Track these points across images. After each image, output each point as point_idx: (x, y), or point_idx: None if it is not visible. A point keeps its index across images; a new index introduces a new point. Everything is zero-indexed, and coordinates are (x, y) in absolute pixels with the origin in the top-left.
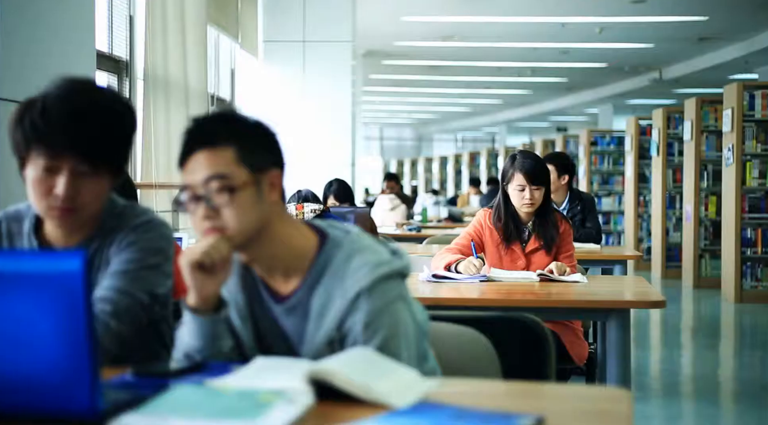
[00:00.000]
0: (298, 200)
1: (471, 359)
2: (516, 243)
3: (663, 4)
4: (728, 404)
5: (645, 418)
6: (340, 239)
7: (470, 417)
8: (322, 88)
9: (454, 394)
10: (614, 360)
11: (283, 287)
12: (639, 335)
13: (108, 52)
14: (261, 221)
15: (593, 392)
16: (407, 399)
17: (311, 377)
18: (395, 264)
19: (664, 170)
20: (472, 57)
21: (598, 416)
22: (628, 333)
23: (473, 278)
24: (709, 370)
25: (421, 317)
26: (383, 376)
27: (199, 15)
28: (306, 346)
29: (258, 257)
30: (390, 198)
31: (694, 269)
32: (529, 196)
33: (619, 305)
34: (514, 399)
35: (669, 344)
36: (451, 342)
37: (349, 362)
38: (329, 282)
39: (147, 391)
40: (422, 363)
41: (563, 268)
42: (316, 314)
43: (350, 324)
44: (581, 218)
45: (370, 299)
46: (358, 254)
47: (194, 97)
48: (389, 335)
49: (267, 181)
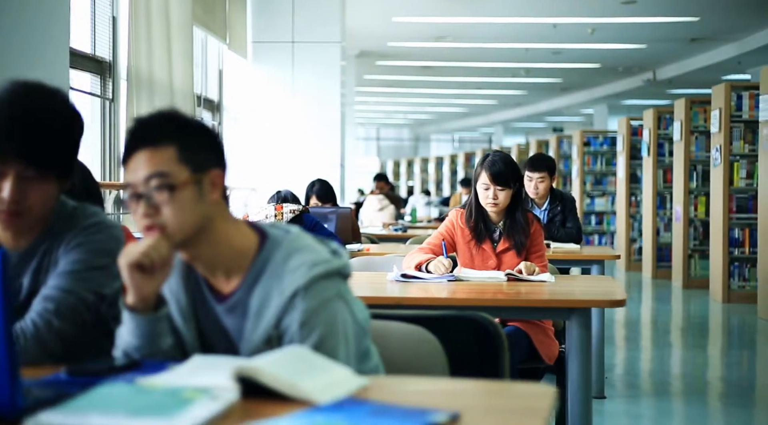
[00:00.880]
0: (277, 201)
1: (419, 357)
2: (487, 243)
3: (654, 4)
4: (714, 403)
5: (634, 417)
6: (280, 239)
7: (386, 413)
8: (312, 89)
9: (382, 391)
10: (575, 358)
11: (225, 286)
12: (628, 334)
13: (91, 52)
14: (201, 220)
15: (518, 389)
16: (331, 396)
17: (238, 374)
18: (333, 264)
19: (654, 170)
20: (465, 58)
21: (514, 412)
22: (589, 331)
23: (441, 277)
24: (692, 369)
25: (361, 316)
26: (313, 373)
27: (184, 16)
28: (245, 344)
29: (199, 256)
30: (379, 199)
31: (684, 270)
32: (492, 196)
33: (580, 304)
34: (438, 395)
35: (655, 343)
36: (399, 340)
37: (279, 359)
38: (267, 281)
39: (74, 389)
40: (364, 361)
41: (532, 268)
42: (255, 312)
43: (287, 323)
44: (562, 219)
45: (306, 298)
46: (296, 254)
47: (180, 97)
48: (325, 333)
49: (208, 180)
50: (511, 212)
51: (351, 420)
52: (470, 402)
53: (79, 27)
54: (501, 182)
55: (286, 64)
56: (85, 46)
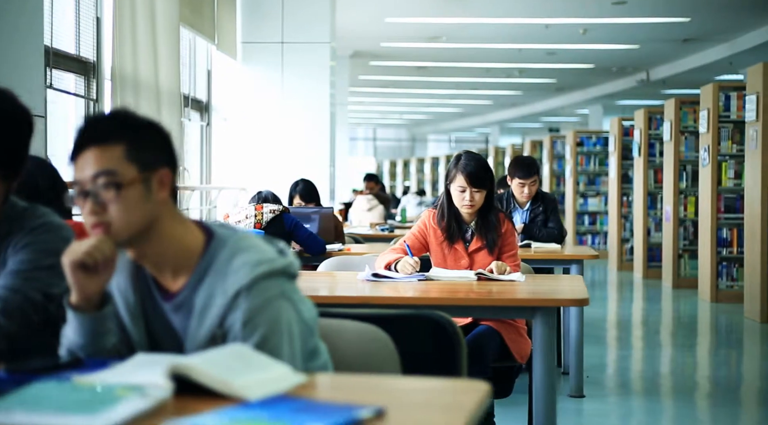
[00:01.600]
0: (258, 201)
1: (371, 355)
2: (459, 243)
3: (644, 5)
4: (692, 401)
5: (610, 416)
6: (226, 238)
7: (312, 409)
8: (301, 90)
9: (319, 388)
10: (539, 356)
11: (172, 285)
12: (613, 334)
13: (75, 53)
14: (147, 219)
15: (451, 385)
16: (262, 393)
17: (173, 372)
18: (277, 263)
19: (645, 170)
20: (459, 58)
21: (439, 408)
22: (554, 330)
23: (412, 277)
24: (675, 368)
25: (308, 315)
26: (248, 371)
27: (171, 17)
28: (190, 343)
29: (146, 254)
30: (368, 199)
31: (674, 269)
32: (469, 198)
33: (543, 303)
34: (372, 392)
35: (640, 343)
36: (352, 339)
37: (216, 357)
38: (212, 280)
39: (8, 387)
40: (311, 359)
41: (503, 267)
42: (199, 311)
43: (231, 322)
44: (543, 219)
45: (249, 297)
46: (240, 253)
47: (166, 97)
48: (268, 332)
49: (156, 179)
50: (483, 212)
51: (273, 417)
52: (400, 399)
53: (63, 28)
54: (477, 184)
55: (275, 65)
56: (69, 46)
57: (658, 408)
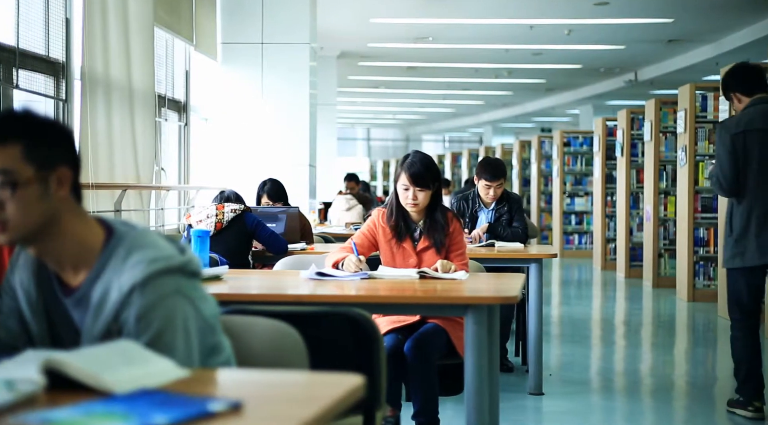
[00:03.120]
0: (220, 201)
1: (280, 351)
2: (407, 241)
3: (627, 6)
4: (651, 398)
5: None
6: (125, 235)
7: (172, 402)
8: (281, 90)
9: (198, 383)
10: (470, 354)
11: (73, 281)
12: (584, 333)
13: (44, 54)
14: (45, 217)
15: (318, 379)
16: (132, 387)
17: (47, 366)
18: (173, 260)
19: (628, 170)
20: (447, 58)
21: (296, 401)
22: (483, 327)
23: (355, 275)
24: (640, 367)
25: (209, 312)
26: (126, 366)
27: (144, 17)
28: (86, 337)
29: (46, 251)
30: (347, 199)
31: (654, 269)
32: (412, 196)
33: (474, 300)
34: (241, 386)
35: (610, 341)
36: (262, 335)
37: (96, 352)
38: (109, 276)
39: None
40: (213, 355)
41: (448, 266)
42: (95, 307)
43: (125, 317)
44: (508, 218)
45: (143, 293)
46: (137, 250)
47: (140, 98)
48: (162, 328)
49: (55, 178)
50: (431, 211)
51: (126, 410)
52: (262, 392)
53: (31, 29)
54: (420, 183)
55: (255, 66)
56: (38, 47)
57: (614, 406)
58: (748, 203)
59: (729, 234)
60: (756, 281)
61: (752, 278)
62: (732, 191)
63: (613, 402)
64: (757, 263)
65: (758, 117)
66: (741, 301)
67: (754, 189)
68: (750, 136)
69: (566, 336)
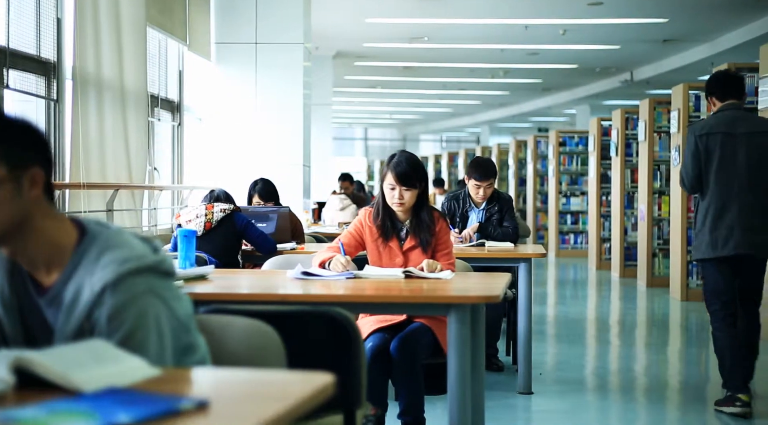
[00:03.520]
0: (209, 200)
1: (258, 350)
2: (394, 241)
3: (621, 6)
4: (636, 398)
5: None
6: (97, 234)
7: (139, 401)
8: (274, 90)
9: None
10: (453, 353)
11: (47, 280)
12: (577, 333)
13: (35, 54)
14: (18, 216)
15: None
16: (100, 385)
17: (16, 365)
18: (145, 260)
19: (622, 170)
20: (443, 58)
21: (264, 399)
22: (466, 326)
23: (341, 275)
24: (631, 366)
25: (183, 312)
26: (96, 365)
27: (136, 17)
28: (59, 336)
29: (19, 251)
30: (341, 198)
31: (648, 269)
32: (398, 196)
33: (455, 300)
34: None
35: (601, 341)
36: (239, 334)
37: (68, 351)
38: (81, 276)
39: None
40: (187, 355)
41: (434, 265)
42: (68, 306)
43: (97, 317)
44: (499, 218)
45: (115, 293)
46: (110, 250)
47: (132, 97)
48: (134, 327)
49: (27, 178)
50: (417, 210)
51: (91, 408)
52: (231, 390)
53: (22, 29)
54: (406, 183)
55: (249, 66)
56: (29, 47)
57: (604, 405)
58: (707, 200)
59: (694, 228)
60: (721, 270)
61: (717, 268)
62: (694, 189)
63: (602, 401)
64: (709, 256)
65: (722, 122)
66: (717, 291)
67: (713, 188)
68: (712, 138)
69: (558, 336)
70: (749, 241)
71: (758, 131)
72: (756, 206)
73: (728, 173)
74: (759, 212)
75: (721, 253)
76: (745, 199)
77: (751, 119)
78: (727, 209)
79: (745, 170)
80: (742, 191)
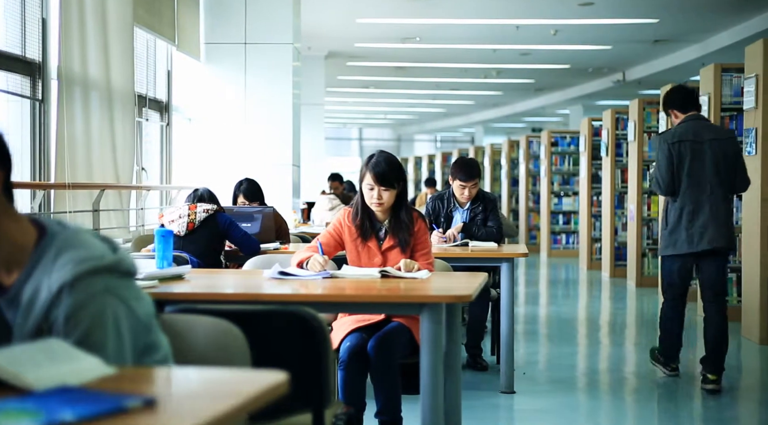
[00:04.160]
0: (193, 200)
1: (222, 349)
2: (373, 241)
3: (611, 6)
4: (629, 397)
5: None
6: (56, 234)
7: (86, 399)
8: (264, 90)
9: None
10: (426, 352)
11: (6, 280)
12: (563, 332)
13: (21, 54)
14: None
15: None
16: (51, 384)
17: None
18: (103, 260)
19: (612, 170)
20: (435, 59)
21: (212, 396)
22: (439, 325)
23: (317, 275)
24: (612, 365)
25: (143, 311)
26: (51, 364)
27: (123, 17)
28: (17, 336)
29: None
30: (330, 198)
31: (638, 268)
32: (377, 196)
33: (427, 299)
34: (157, 382)
35: (586, 340)
36: (204, 333)
37: (23, 351)
38: (39, 276)
39: None
40: (148, 354)
41: (412, 265)
42: (26, 306)
43: (54, 317)
44: (483, 218)
45: (71, 293)
46: (67, 250)
47: (119, 97)
48: (91, 327)
49: None
50: (396, 210)
51: (37, 406)
52: (183, 388)
53: (8, 29)
54: (385, 183)
55: (238, 66)
56: (14, 47)
57: (584, 404)
58: (680, 201)
59: (664, 227)
60: (686, 266)
61: (683, 264)
62: (668, 191)
63: (584, 400)
64: (687, 251)
65: (690, 131)
66: (673, 283)
67: (686, 190)
68: (683, 145)
69: (544, 335)
70: (722, 235)
71: (720, 138)
72: (723, 204)
73: (698, 176)
74: (725, 209)
75: (698, 248)
76: (715, 199)
77: (712, 127)
78: (700, 208)
79: (712, 172)
80: (712, 191)
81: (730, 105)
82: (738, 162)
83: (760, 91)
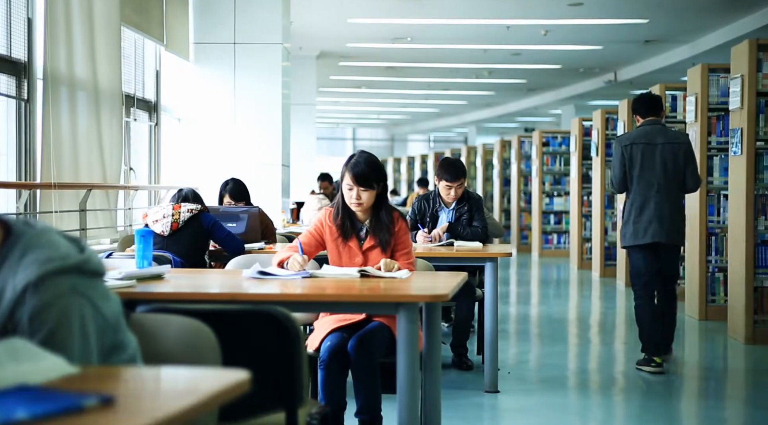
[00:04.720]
0: (177, 200)
1: (193, 349)
2: (353, 241)
3: (601, 7)
4: (616, 396)
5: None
6: (21, 234)
7: (43, 398)
8: (253, 90)
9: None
10: (402, 351)
11: None
12: (546, 331)
13: (6, 54)
14: None
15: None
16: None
17: None
18: (69, 260)
19: (602, 170)
20: (427, 59)
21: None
22: (415, 325)
23: (296, 274)
24: (596, 364)
25: (110, 311)
26: (12, 363)
27: (110, 17)
28: None
29: None
30: (319, 198)
31: (626, 268)
32: (356, 196)
33: (404, 298)
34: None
35: (572, 339)
36: (175, 333)
37: None
38: (5, 275)
39: None
40: (115, 354)
41: (392, 265)
42: None
43: (19, 316)
44: (468, 218)
45: (36, 293)
46: (33, 250)
47: (106, 97)
48: (56, 327)
49: None
50: (377, 210)
51: None
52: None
53: None
54: (364, 183)
55: (227, 66)
56: (0, 47)
57: (568, 403)
58: (631, 198)
59: (622, 221)
60: (645, 256)
61: (643, 255)
62: (620, 189)
63: (566, 399)
64: (632, 243)
65: (644, 134)
66: (638, 272)
67: (636, 188)
68: (635, 148)
69: (534, 334)
70: (664, 230)
71: (672, 142)
72: (668, 202)
73: (648, 175)
74: (671, 207)
75: (642, 241)
76: (661, 197)
77: (667, 132)
78: (647, 205)
79: (661, 173)
80: (659, 190)
81: (717, 105)
82: (689, 165)
83: (745, 92)
